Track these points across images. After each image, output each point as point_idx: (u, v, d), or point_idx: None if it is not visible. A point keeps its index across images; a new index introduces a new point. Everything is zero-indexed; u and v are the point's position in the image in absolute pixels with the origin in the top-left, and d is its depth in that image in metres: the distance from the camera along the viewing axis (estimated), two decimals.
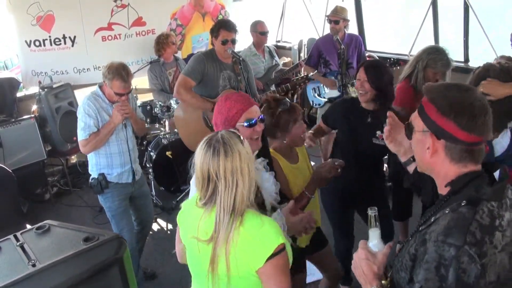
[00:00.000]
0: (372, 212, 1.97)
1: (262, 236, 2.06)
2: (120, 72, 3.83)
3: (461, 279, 1.44)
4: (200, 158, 2.11)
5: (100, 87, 4.00)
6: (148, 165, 6.16)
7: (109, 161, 4.01)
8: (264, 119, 2.72)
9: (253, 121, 2.62)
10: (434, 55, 3.98)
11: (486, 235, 1.48)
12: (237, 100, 2.65)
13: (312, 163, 3.79)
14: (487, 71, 2.95)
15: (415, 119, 1.74)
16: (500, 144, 2.89)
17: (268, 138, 3.17)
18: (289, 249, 2.16)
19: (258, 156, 2.78)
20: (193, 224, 2.20)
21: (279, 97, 3.27)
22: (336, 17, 5.73)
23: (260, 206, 2.31)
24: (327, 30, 6.13)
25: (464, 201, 1.57)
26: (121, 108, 3.87)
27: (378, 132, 3.28)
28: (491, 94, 2.78)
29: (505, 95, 2.81)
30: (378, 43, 8.15)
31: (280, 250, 2.05)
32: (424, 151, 1.69)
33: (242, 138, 2.15)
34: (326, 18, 5.96)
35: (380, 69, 3.59)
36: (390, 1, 10.55)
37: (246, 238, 2.06)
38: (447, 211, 1.58)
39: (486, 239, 1.48)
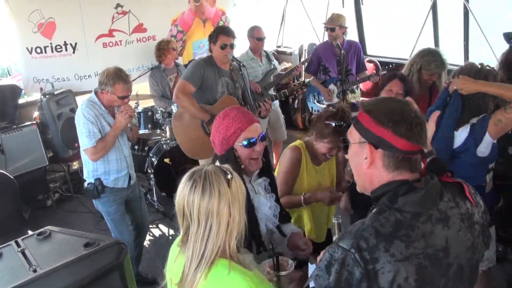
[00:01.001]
0: (336, 220, 2.09)
1: None
2: (120, 75, 3.86)
3: (341, 280, 1.52)
4: (179, 190, 1.92)
5: (96, 93, 4.00)
6: (149, 171, 6.18)
7: (106, 168, 4.02)
8: (265, 137, 2.57)
9: (253, 140, 2.48)
10: (428, 57, 4.03)
11: (382, 243, 1.51)
12: (236, 118, 2.51)
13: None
14: (461, 68, 3.13)
15: (350, 132, 1.76)
16: (459, 137, 3.01)
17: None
18: None
19: (259, 175, 2.70)
20: (171, 262, 2.07)
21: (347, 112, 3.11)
22: (332, 25, 5.74)
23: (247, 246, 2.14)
24: (327, 36, 6.13)
25: (374, 209, 1.64)
26: (126, 110, 3.88)
27: None
28: (462, 89, 2.94)
29: (476, 91, 2.92)
30: (378, 47, 8.16)
31: None
32: (361, 163, 1.70)
33: (231, 176, 1.91)
34: (323, 25, 5.97)
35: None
36: (390, 5, 10.58)
37: None
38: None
39: (380, 247, 1.50)
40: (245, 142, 2.46)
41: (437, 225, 1.60)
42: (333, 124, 2.95)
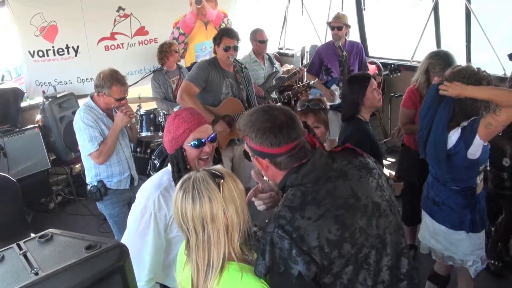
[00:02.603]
0: None
1: None
2: (116, 77, 3.86)
3: (275, 258, 1.75)
4: (173, 201, 1.94)
5: (92, 98, 4.00)
6: (152, 173, 6.17)
7: (109, 171, 4.03)
8: (215, 138, 2.64)
9: (202, 141, 2.55)
10: (434, 60, 4.04)
11: (297, 212, 1.78)
12: (185, 118, 2.56)
13: None
14: (453, 72, 3.12)
15: (247, 146, 2.00)
16: (450, 139, 3.04)
17: None
18: None
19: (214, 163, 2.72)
20: (180, 270, 2.08)
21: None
22: (339, 23, 5.73)
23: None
24: (329, 37, 6.12)
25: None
26: (126, 110, 3.89)
27: None
28: (452, 96, 2.99)
29: (466, 97, 2.96)
30: (380, 49, 8.14)
31: None
32: (261, 169, 2.01)
33: (221, 180, 1.89)
34: (328, 24, 5.95)
35: None
36: (392, 7, 10.57)
37: None
38: None
39: (297, 216, 1.77)
40: (193, 143, 2.53)
41: (338, 181, 1.88)
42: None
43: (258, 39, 6.18)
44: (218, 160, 2.77)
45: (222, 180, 1.88)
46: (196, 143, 2.54)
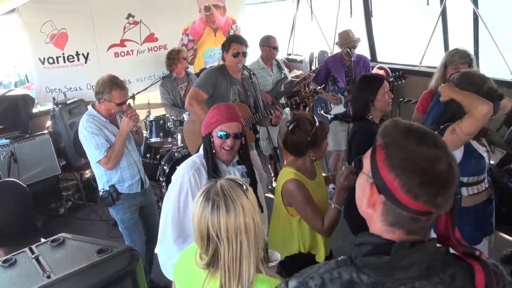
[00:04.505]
0: None
1: None
2: (115, 81, 3.90)
3: None
4: (197, 213, 1.85)
5: (93, 106, 4.04)
6: (161, 179, 6.20)
7: (120, 176, 4.05)
8: (240, 137, 2.93)
9: (226, 133, 2.85)
10: (451, 53, 4.03)
11: None
12: (220, 112, 2.89)
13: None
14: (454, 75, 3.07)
15: (366, 158, 1.40)
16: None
17: (289, 155, 3.23)
18: None
19: (238, 164, 3.06)
20: (193, 286, 1.96)
21: (309, 115, 3.26)
22: (354, 43, 5.85)
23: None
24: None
25: (341, 257, 1.40)
26: (131, 114, 3.92)
27: None
28: (442, 95, 2.96)
29: (449, 97, 2.93)
30: (388, 54, 8.16)
31: None
32: (362, 199, 1.39)
33: (245, 187, 1.89)
34: (343, 45, 5.89)
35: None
36: (400, 12, 10.59)
37: None
38: None
39: None
40: (219, 133, 2.86)
41: None
42: (315, 127, 3.10)
43: (272, 45, 6.20)
44: (243, 159, 3.09)
45: (246, 187, 1.88)
46: (221, 134, 2.86)
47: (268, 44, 6.21)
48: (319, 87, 5.04)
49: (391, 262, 1.27)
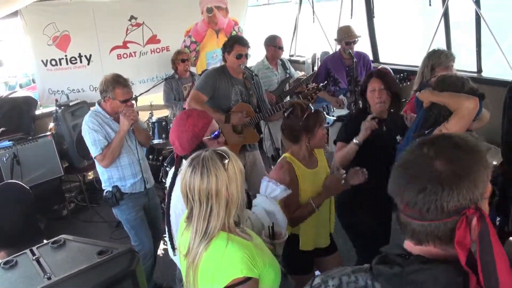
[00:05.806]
0: None
1: (220, 266, 2.00)
2: (117, 79, 3.94)
3: None
4: (181, 175, 2.14)
5: (99, 104, 4.09)
6: (164, 180, 6.20)
7: (120, 173, 4.07)
8: (219, 134, 2.87)
9: (217, 133, 2.82)
10: (435, 54, 4.02)
11: None
12: (200, 115, 2.82)
13: None
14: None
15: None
16: None
17: (288, 142, 3.28)
18: (268, 278, 2.07)
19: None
20: (179, 235, 2.30)
21: (304, 102, 3.32)
22: (353, 38, 5.75)
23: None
24: (338, 46, 6.11)
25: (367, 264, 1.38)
26: (128, 113, 3.93)
27: (398, 137, 3.39)
28: (423, 101, 2.95)
29: (429, 101, 2.91)
30: (390, 55, 8.15)
31: (239, 282, 1.96)
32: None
33: (227, 159, 2.09)
34: (341, 41, 5.82)
35: (389, 74, 3.65)
36: (402, 13, 10.59)
37: (207, 265, 2.04)
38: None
39: None
40: (214, 134, 2.80)
41: None
42: (307, 113, 3.14)
43: (278, 45, 6.22)
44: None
45: (227, 160, 2.09)
46: (215, 134, 2.81)
47: (274, 44, 6.22)
48: (321, 84, 5.02)
49: (401, 274, 1.24)
